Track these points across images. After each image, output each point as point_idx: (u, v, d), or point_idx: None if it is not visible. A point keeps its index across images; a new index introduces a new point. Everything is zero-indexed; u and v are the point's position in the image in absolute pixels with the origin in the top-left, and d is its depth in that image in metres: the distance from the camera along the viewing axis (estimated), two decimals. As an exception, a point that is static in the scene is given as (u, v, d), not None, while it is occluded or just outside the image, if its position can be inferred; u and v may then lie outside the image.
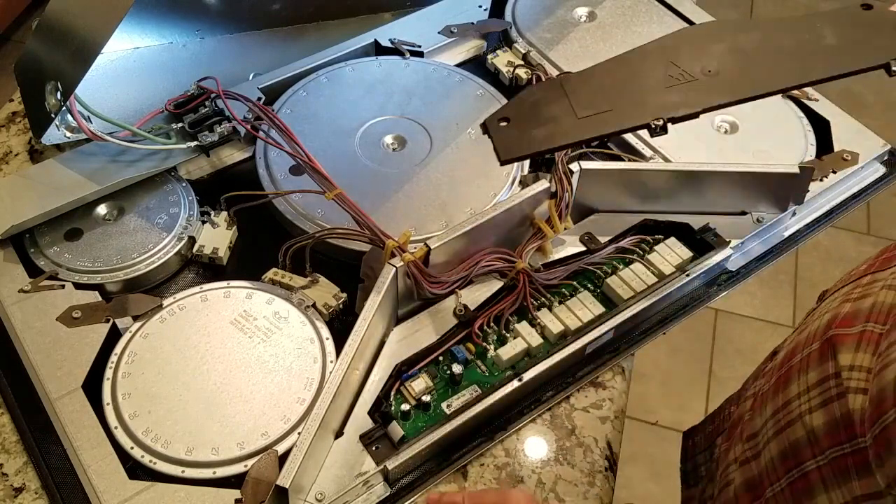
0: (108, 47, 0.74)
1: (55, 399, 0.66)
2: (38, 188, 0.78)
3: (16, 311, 0.71)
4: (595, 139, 0.61)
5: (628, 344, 0.75)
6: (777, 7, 2.54)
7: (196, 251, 0.78)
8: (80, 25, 0.76)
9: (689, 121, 0.59)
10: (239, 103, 0.83)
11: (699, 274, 0.76)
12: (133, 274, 0.75)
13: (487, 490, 0.64)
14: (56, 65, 0.77)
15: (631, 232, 0.79)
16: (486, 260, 0.74)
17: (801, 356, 0.51)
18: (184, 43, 0.99)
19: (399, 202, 0.81)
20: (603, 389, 0.74)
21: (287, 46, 1.00)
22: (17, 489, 0.65)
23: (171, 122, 0.84)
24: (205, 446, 0.64)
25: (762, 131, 0.89)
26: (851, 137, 0.89)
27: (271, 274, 0.75)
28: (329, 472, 0.63)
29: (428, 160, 0.85)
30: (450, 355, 0.70)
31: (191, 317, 0.72)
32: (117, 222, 0.79)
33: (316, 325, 0.71)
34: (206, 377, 0.68)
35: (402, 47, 0.95)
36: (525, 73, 0.94)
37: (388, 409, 0.66)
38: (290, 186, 0.81)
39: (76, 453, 0.64)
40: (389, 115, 0.89)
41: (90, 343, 0.69)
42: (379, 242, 0.71)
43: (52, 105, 0.76)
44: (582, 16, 1.03)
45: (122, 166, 0.81)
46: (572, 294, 0.74)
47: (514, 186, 0.83)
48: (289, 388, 0.67)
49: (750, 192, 0.80)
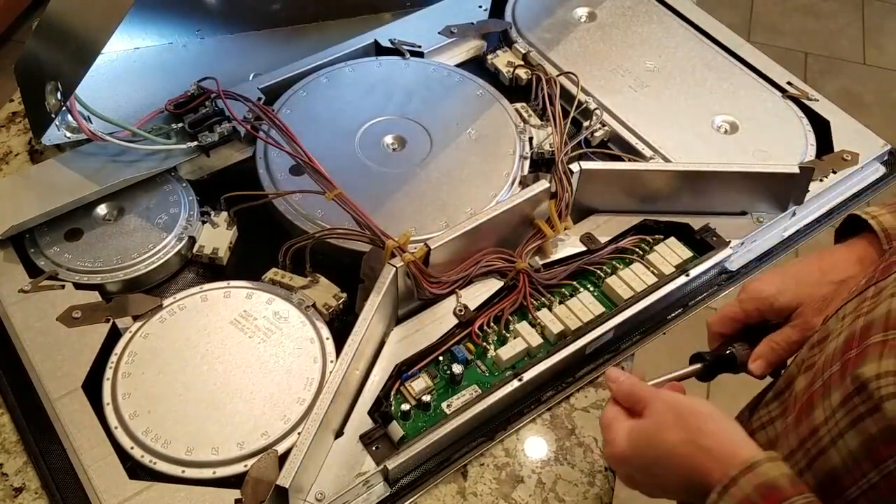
0: (108, 47, 0.74)
1: (55, 399, 0.66)
2: (38, 188, 0.78)
3: (16, 311, 0.71)
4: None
5: (628, 344, 0.75)
6: (777, 7, 2.54)
7: (196, 251, 0.78)
8: (80, 25, 0.76)
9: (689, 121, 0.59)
10: (239, 103, 0.83)
11: (699, 274, 0.76)
12: (133, 274, 0.75)
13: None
14: (56, 65, 0.77)
15: (631, 232, 0.79)
16: (486, 260, 0.74)
17: (822, 380, 0.49)
18: (184, 43, 0.99)
19: (399, 202, 0.81)
20: (603, 389, 0.74)
21: (287, 46, 1.00)
22: (17, 489, 0.65)
23: (171, 122, 0.84)
24: (205, 446, 0.64)
25: (762, 131, 0.89)
26: (851, 137, 0.89)
27: (271, 274, 0.75)
28: (329, 472, 0.63)
29: (428, 160, 0.85)
30: (450, 355, 0.70)
31: (191, 317, 0.72)
32: (117, 222, 0.79)
33: (316, 325, 0.71)
34: (206, 377, 0.68)
35: (402, 47, 0.95)
36: (525, 73, 0.94)
37: (388, 409, 0.66)
38: (290, 186, 0.80)
39: (76, 453, 0.64)
40: (389, 116, 0.89)
41: (90, 343, 0.69)
42: (379, 242, 0.71)
43: (52, 105, 0.76)
44: (582, 16, 1.03)
45: (122, 166, 0.81)
46: (572, 294, 0.74)
47: (514, 186, 0.83)
48: (289, 388, 0.67)
49: (750, 192, 0.80)
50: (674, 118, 0.90)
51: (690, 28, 1.01)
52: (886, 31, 2.49)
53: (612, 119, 0.90)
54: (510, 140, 0.86)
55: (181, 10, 0.97)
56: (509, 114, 0.89)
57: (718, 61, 0.97)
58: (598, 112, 0.89)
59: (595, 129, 0.89)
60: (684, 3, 1.04)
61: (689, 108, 0.91)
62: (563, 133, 0.84)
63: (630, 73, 0.95)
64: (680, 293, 0.77)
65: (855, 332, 0.48)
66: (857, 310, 0.50)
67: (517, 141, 0.86)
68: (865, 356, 0.45)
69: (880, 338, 0.45)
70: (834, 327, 0.52)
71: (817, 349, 0.53)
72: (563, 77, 0.92)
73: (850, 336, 0.48)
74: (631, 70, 0.95)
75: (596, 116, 0.89)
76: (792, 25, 2.49)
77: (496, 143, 0.86)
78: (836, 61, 2.39)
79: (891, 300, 0.47)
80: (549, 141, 0.86)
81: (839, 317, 0.52)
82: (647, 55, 0.97)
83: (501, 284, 0.74)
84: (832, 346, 0.50)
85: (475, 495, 0.67)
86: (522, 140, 0.87)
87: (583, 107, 0.90)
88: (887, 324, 0.45)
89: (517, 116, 0.89)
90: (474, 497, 0.67)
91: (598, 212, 0.81)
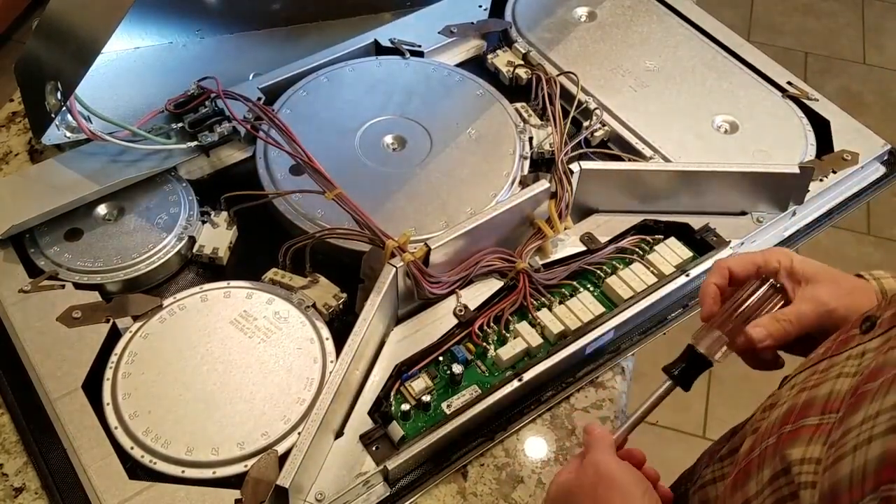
0: (108, 47, 0.74)
1: (55, 399, 0.66)
2: (38, 188, 0.78)
3: (16, 311, 0.71)
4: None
5: (628, 344, 0.75)
6: (777, 7, 2.54)
7: (196, 251, 0.78)
8: (80, 25, 0.76)
9: (689, 121, 0.58)
10: (239, 103, 0.83)
11: (699, 274, 0.76)
12: (133, 274, 0.75)
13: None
14: (56, 65, 0.77)
15: (631, 232, 0.79)
16: (486, 260, 0.74)
17: (760, 450, 0.48)
18: (184, 43, 0.99)
19: (399, 202, 0.81)
20: (603, 389, 0.74)
21: (287, 46, 1.00)
22: (17, 489, 0.65)
23: (171, 122, 0.84)
24: (205, 446, 0.64)
25: (762, 131, 0.89)
26: (851, 137, 0.89)
27: (271, 274, 0.75)
28: (329, 472, 0.63)
29: (428, 160, 0.85)
30: (450, 355, 0.70)
31: (191, 317, 0.72)
32: (117, 222, 0.79)
33: (316, 325, 0.71)
34: (206, 377, 0.68)
35: (402, 47, 0.95)
36: (525, 72, 0.94)
37: (388, 409, 0.66)
38: (290, 186, 0.80)
39: (76, 453, 0.64)
40: (389, 115, 0.89)
41: (90, 343, 0.69)
42: (379, 242, 0.71)
43: (52, 105, 0.76)
44: (582, 16, 1.03)
45: (122, 166, 0.81)
46: (572, 294, 0.74)
47: (514, 186, 0.83)
48: (289, 388, 0.67)
49: (750, 192, 0.80)
50: (674, 118, 0.90)
51: (690, 28, 1.01)
52: (886, 31, 2.49)
53: (612, 119, 0.90)
54: (510, 140, 0.86)
55: (181, 10, 0.97)
56: (509, 114, 0.89)
57: (718, 61, 0.97)
58: (598, 112, 0.89)
59: (595, 129, 0.89)
60: (684, 3, 1.04)
61: (689, 108, 0.91)
62: (563, 133, 0.84)
63: (630, 72, 0.95)
64: (680, 293, 0.77)
65: (796, 405, 0.47)
66: (806, 381, 0.48)
67: (517, 141, 0.86)
68: (797, 437, 0.44)
69: (815, 420, 0.44)
70: (783, 395, 0.50)
71: (768, 413, 0.52)
72: (563, 77, 0.92)
73: (791, 409, 0.47)
74: (631, 70, 0.95)
75: (596, 116, 0.89)
76: (792, 25, 2.49)
77: (496, 142, 0.86)
78: (836, 61, 2.39)
79: (835, 381, 0.45)
80: (549, 141, 0.86)
81: (789, 385, 0.51)
82: (647, 55, 0.97)
83: (501, 284, 0.74)
84: (775, 415, 0.49)
85: (475, 495, 0.67)
86: (522, 140, 0.87)
87: (583, 107, 0.90)
88: (825, 406, 0.44)
89: (517, 116, 0.89)
90: (474, 497, 0.67)
91: (598, 212, 0.81)
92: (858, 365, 0.45)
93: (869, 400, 0.39)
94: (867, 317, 0.48)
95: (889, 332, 0.45)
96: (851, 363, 0.46)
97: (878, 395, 0.39)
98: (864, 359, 0.45)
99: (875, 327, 0.47)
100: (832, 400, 0.44)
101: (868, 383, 0.41)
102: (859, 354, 0.46)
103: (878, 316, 0.47)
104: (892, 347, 0.42)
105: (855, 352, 0.47)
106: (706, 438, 1.57)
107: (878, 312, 0.47)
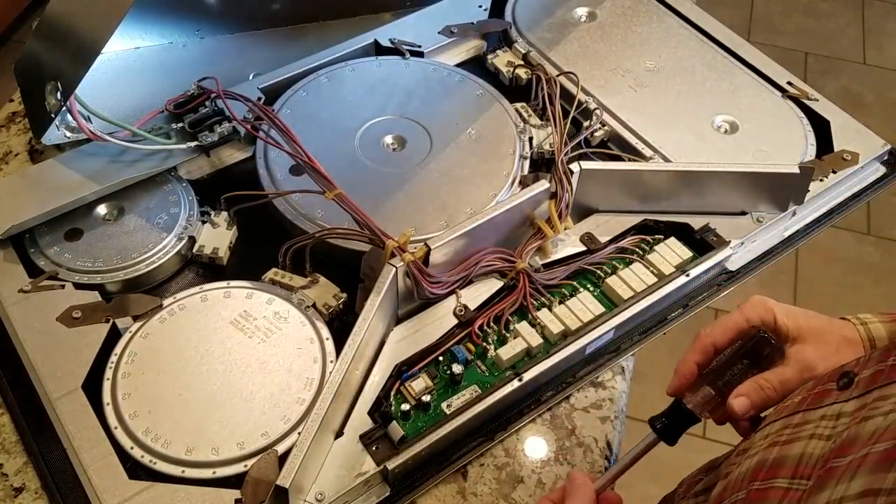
0: (108, 47, 0.74)
1: (55, 399, 0.66)
2: (38, 188, 0.78)
3: (16, 311, 0.71)
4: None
5: (628, 344, 0.75)
6: (777, 7, 2.54)
7: (196, 251, 0.78)
8: (80, 25, 0.76)
9: (689, 121, 0.58)
10: (239, 103, 0.83)
11: (699, 274, 0.76)
12: (133, 274, 0.75)
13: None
14: (56, 65, 0.77)
15: (631, 232, 0.79)
16: (486, 260, 0.74)
17: (729, 502, 0.47)
18: (184, 43, 0.99)
19: (399, 202, 0.81)
20: (603, 389, 0.74)
21: (287, 46, 1.00)
22: (17, 489, 0.65)
23: (171, 122, 0.84)
24: (205, 446, 0.64)
25: (762, 131, 0.89)
26: (851, 137, 0.89)
27: (271, 274, 0.75)
28: (329, 472, 0.63)
29: (428, 160, 0.85)
30: (450, 355, 0.70)
31: (191, 317, 0.72)
32: (117, 222, 0.79)
33: (316, 325, 0.71)
34: (206, 377, 0.68)
35: (402, 47, 0.95)
36: (525, 72, 0.94)
37: (388, 409, 0.66)
38: (290, 186, 0.80)
39: (76, 453, 0.64)
40: (389, 115, 0.89)
41: (90, 343, 0.69)
42: (379, 242, 0.71)
43: (52, 105, 0.76)
44: (582, 16, 1.03)
45: (122, 166, 0.81)
46: (572, 294, 0.74)
47: (514, 186, 0.83)
48: (289, 388, 0.67)
49: (750, 192, 0.80)
50: (674, 118, 0.90)
51: (690, 28, 1.01)
52: (886, 31, 2.50)
53: (612, 119, 0.90)
54: (510, 140, 0.86)
55: (181, 10, 0.97)
56: (509, 114, 0.89)
57: (718, 61, 0.97)
58: (598, 112, 0.89)
59: (595, 129, 0.89)
60: (684, 3, 1.04)
61: (688, 108, 0.91)
62: (562, 133, 0.84)
63: (630, 73, 0.95)
64: (680, 293, 0.77)
65: (766, 461, 0.46)
66: (779, 434, 0.48)
67: (517, 141, 0.86)
68: (766, 498, 0.44)
69: (785, 483, 0.43)
70: (755, 443, 0.50)
71: (740, 458, 0.51)
72: (563, 77, 0.92)
73: (761, 462, 0.46)
74: (631, 70, 0.95)
75: (596, 116, 0.89)
76: (792, 25, 2.49)
77: (496, 143, 0.86)
78: (836, 61, 2.39)
79: (807, 442, 0.44)
80: (549, 141, 0.86)
81: (763, 433, 0.50)
82: (647, 55, 0.97)
83: (501, 284, 0.74)
84: (746, 466, 0.48)
85: (475, 495, 0.67)
86: (522, 140, 0.87)
87: (583, 107, 0.90)
88: (796, 470, 0.43)
89: (517, 116, 0.89)
90: (474, 497, 0.67)
91: (599, 212, 0.81)
92: (833, 429, 0.44)
93: (836, 480, 0.39)
94: (845, 372, 0.47)
95: (865, 396, 0.44)
96: (825, 424, 0.45)
97: (843, 478, 0.38)
98: (839, 422, 0.44)
99: (852, 385, 0.46)
100: (803, 464, 0.43)
101: (838, 458, 0.40)
102: (834, 416, 0.45)
103: (856, 373, 0.46)
104: (866, 418, 0.41)
105: (830, 411, 0.45)
106: (706, 438, 1.57)
107: (857, 369, 0.46)
